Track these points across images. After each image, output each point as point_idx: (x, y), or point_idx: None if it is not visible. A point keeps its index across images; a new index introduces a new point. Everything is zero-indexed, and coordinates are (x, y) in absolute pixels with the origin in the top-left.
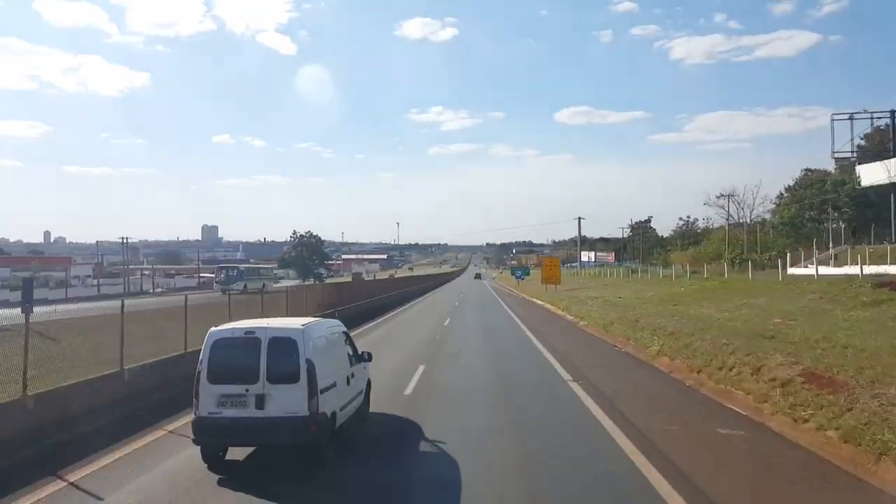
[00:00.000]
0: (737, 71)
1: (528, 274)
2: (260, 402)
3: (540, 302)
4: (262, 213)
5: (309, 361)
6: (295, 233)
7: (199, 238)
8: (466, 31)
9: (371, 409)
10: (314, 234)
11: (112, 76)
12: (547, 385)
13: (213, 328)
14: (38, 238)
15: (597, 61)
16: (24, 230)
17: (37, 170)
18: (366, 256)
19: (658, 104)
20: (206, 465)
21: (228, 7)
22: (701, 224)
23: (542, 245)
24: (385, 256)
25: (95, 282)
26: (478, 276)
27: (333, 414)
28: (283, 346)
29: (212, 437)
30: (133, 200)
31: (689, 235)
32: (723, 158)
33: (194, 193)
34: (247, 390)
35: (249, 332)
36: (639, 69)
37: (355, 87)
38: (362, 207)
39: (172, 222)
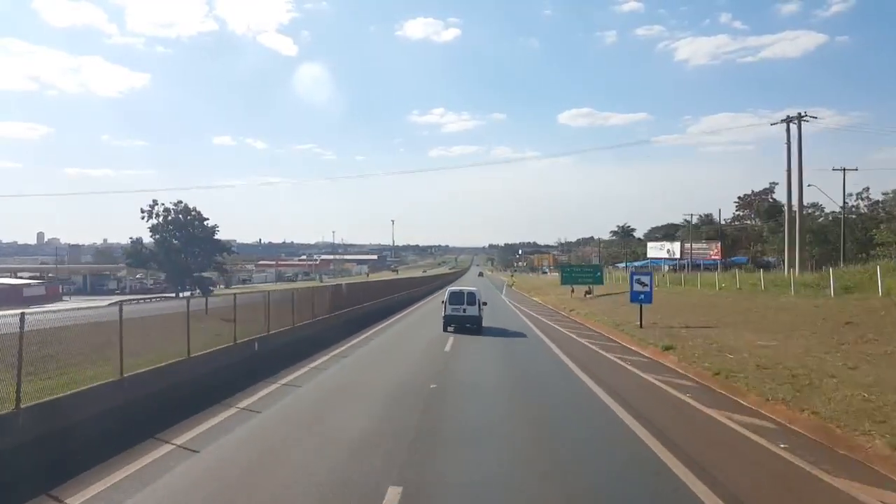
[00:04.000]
0: (741, 72)
1: (601, 280)
2: (464, 311)
3: None
4: (262, 214)
5: (479, 300)
6: (155, 203)
7: None
8: (469, 31)
9: None
10: (191, 207)
11: (112, 77)
12: None
13: (449, 287)
14: (32, 239)
15: (600, 62)
16: (20, 231)
17: (36, 171)
18: (348, 257)
19: (661, 106)
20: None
21: (230, 7)
22: None
23: (548, 246)
24: (375, 257)
25: None
26: (480, 275)
27: (481, 318)
28: (472, 294)
29: (449, 321)
30: (133, 202)
31: None
32: (725, 160)
33: (194, 195)
34: (460, 306)
35: (460, 289)
36: (642, 70)
37: (356, 89)
38: (362, 209)
39: None
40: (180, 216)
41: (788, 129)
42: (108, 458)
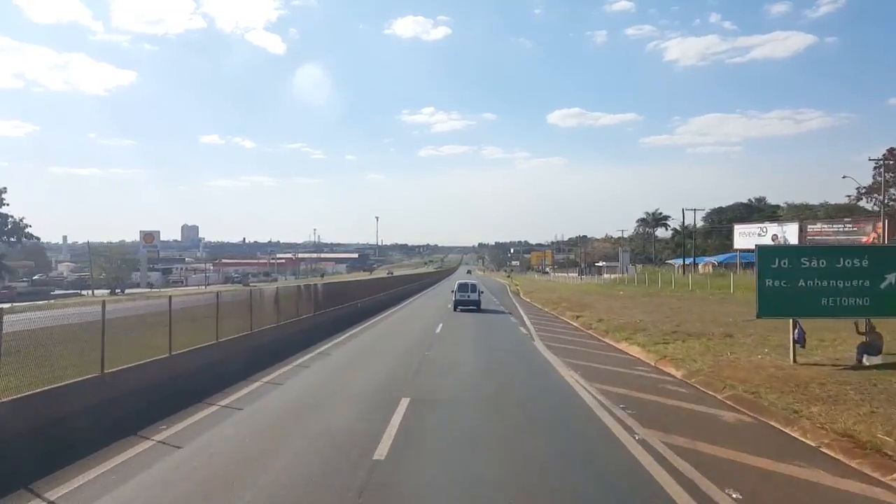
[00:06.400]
0: (731, 73)
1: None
2: (468, 296)
3: None
4: (249, 214)
5: (480, 289)
6: None
7: (179, 238)
8: (459, 30)
9: None
10: None
11: (98, 74)
12: None
13: (458, 282)
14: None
15: (590, 62)
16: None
17: (22, 170)
18: (329, 256)
19: (651, 106)
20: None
21: (217, 5)
22: None
23: (540, 245)
24: (356, 256)
25: None
26: (469, 273)
27: (480, 301)
28: (473, 285)
29: (458, 304)
30: (119, 201)
31: None
32: (714, 161)
33: (182, 194)
34: (465, 293)
35: (466, 281)
36: (632, 71)
37: (346, 87)
38: (351, 208)
39: (159, 223)
40: None
41: None
42: None
